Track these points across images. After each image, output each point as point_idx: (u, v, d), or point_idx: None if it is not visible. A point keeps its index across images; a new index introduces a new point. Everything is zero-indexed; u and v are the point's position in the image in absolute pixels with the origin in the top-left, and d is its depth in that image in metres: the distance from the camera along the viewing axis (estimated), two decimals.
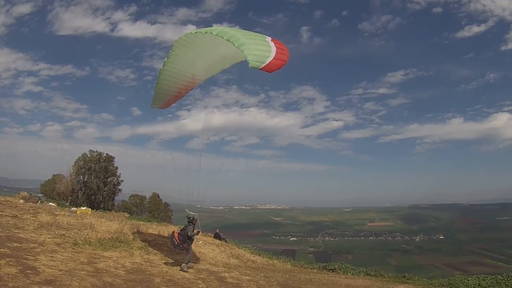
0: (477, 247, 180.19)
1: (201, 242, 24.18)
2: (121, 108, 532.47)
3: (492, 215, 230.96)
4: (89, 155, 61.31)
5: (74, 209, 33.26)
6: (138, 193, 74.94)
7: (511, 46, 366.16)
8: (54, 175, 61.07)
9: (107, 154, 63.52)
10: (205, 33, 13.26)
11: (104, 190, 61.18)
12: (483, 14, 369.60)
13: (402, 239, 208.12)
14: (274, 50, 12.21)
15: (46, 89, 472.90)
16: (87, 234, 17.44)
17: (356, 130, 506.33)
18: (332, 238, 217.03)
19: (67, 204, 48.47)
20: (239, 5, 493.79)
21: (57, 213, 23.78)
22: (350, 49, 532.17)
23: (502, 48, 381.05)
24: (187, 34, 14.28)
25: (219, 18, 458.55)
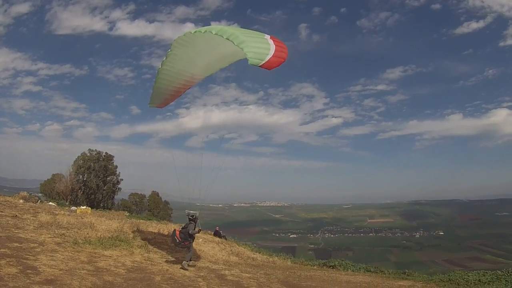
0: (476, 243, 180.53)
1: (201, 240, 24.20)
2: (120, 107, 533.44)
3: (491, 211, 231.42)
4: (88, 154, 61.22)
5: (74, 208, 33.29)
6: (138, 191, 74.91)
7: (510, 42, 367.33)
8: (54, 175, 60.93)
9: (106, 153, 63.47)
10: (204, 32, 13.23)
11: (103, 189, 61.11)
12: (482, 10, 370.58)
13: (401, 236, 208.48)
14: (273, 47, 12.24)
15: (45, 88, 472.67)
16: (87, 233, 17.45)
17: (355, 126, 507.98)
18: (332, 235, 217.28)
19: (67, 203, 48.40)
20: (237, 2, 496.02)
21: (57, 212, 23.80)
22: (348, 46, 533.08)
23: (501, 44, 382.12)
24: (186, 34, 14.25)
25: (218, 16, 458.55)
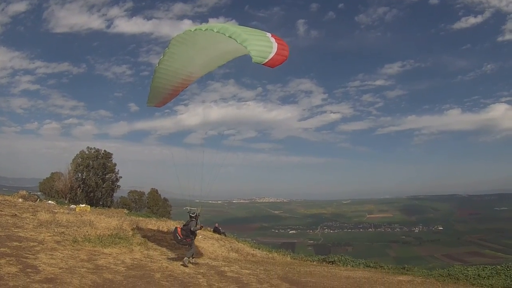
0: (475, 238, 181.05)
1: (200, 236, 24.20)
2: (118, 104, 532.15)
3: (490, 206, 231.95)
4: (87, 152, 61.20)
5: (73, 206, 33.28)
6: (137, 189, 74.95)
7: (508, 37, 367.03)
8: (53, 173, 60.90)
9: (105, 151, 63.47)
10: (205, 30, 13.17)
11: (102, 187, 61.13)
12: (480, 5, 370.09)
13: (401, 231, 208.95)
14: (275, 45, 12.34)
15: (43, 87, 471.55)
16: (87, 231, 17.45)
17: (353, 122, 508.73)
18: (331, 231, 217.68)
19: (66, 201, 48.43)
20: None
21: (56, 211, 23.77)
22: (347, 41, 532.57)
23: (499, 39, 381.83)
24: (185, 32, 14.18)
25: (215, 12, 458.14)
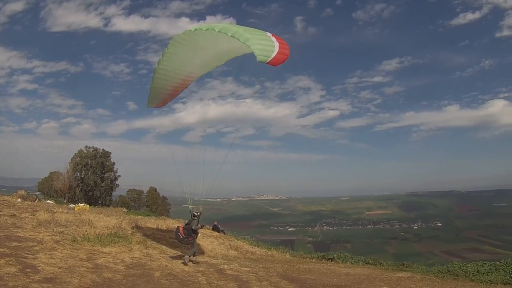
0: (475, 234, 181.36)
1: (199, 234, 24.21)
2: (116, 103, 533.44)
3: (489, 202, 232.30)
4: (85, 151, 61.16)
5: (72, 205, 33.26)
6: (136, 187, 74.92)
7: (506, 33, 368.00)
8: (51, 173, 60.88)
9: (103, 150, 63.43)
10: (206, 30, 13.24)
11: (101, 186, 61.12)
12: (478, 1, 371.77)
13: (400, 227, 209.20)
14: (277, 45, 12.56)
15: (41, 86, 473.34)
16: (86, 231, 17.44)
17: (352, 119, 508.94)
18: (330, 228, 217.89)
19: (65, 201, 48.44)
20: None
21: (55, 210, 23.73)
22: (344, 38, 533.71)
23: (497, 35, 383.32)
24: (185, 32, 14.20)
25: (213, 10, 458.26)
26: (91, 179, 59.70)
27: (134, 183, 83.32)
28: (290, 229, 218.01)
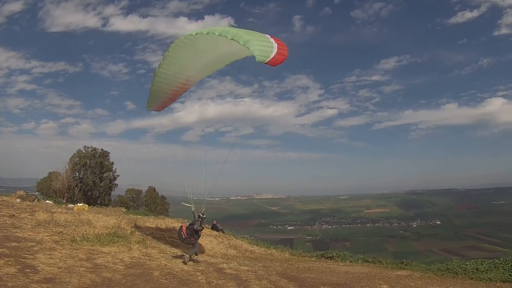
0: (473, 232, 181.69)
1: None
2: (115, 102, 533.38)
3: (488, 200, 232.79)
4: (84, 151, 61.16)
5: (71, 205, 33.28)
6: (134, 187, 75.01)
7: (504, 31, 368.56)
8: (50, 173, 60.89)
9: (102, 150, 63.45)
10: (206, 34, 13.39)
11: (100, 186, 61.13)
12: (476, 0, 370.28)
13: (399, 225, 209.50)
14: (275, 45, 12.84)
15: (39, 86, 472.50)
16: (85, 231, 17.43)
17: (350, 117, 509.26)
18: (329, 226, 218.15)
19: (64, 201, 48.42)
20: None
21: (54, 210, 23.74)
22: (343, 37, 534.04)
23: (495, 33, 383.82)
24: (186, 36, 14.31)
25: (211, 9, 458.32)
26: (90, 179, 59.71)
27: (133, 183, 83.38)
28: (289, 228, 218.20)
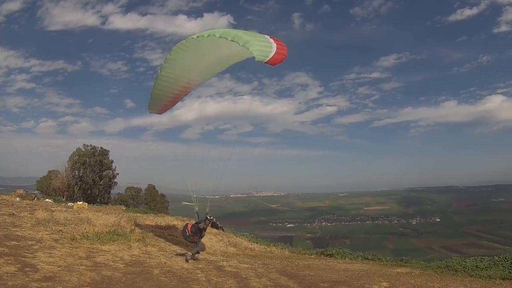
0: (473, 229, 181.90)
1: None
2: (114, 101, 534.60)
3: (487, 197, 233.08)
4: (83, 150, 61.10)
5: (70, 204, 33.22)
6: (134, 185, 75.04)
7: (504, 28, 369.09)
8: (50, 171, 60.86)
9: (102, 148, 63.37)
10: (207, 36, 13.49)
11: (100, 184, 61.08)
12: None
13: (398, 223, 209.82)
14: (274, 45, 13.07)
15: (38, 85, 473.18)
16: (85, 229, 17.45)
17: (350, 115, 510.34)
18: (329, 223, 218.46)
19: (64, 199, 48.40)
20: None
21: (53, 209, 23.76)
22: (342, 34, 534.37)
23: (495, 30, 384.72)
24: (188, 39, 14.40)
25: (210, 7, 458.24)
26: (90, 178, 59.69)
27: (133, 181, 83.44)
28: (288, 225, 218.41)
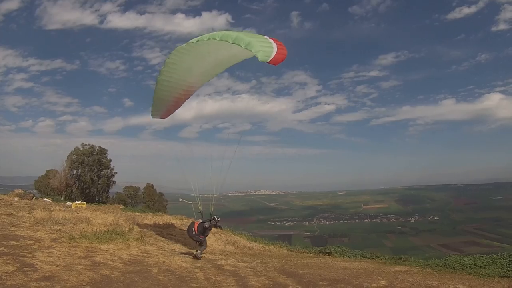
0: (472, 227, 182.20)
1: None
2: (112, 100, 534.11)
3: (486, 195, 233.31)
4: (81, 149, 61.10)
5: (69, 203, 33.17)
6: (132, 184, 75.05)
7: (502, 27, 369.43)
8: (48, 171, 60.80)
9: (100, 147, 63.44)
10: (207, 40, 13.62)
11: (98, 183, 61.09)
12: None
13: (397, 221, 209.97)
14: (275, 45, 13.32)
15: (36, 84, 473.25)
16: (83, 228, 17.44)
17: (348, 113, 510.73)
18: (327, 222, 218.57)
19: (62, 199, 48.32)
20: None
21: (52, 208, 23.73)
22: (341, 32, 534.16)
23: (493, 29, 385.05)
24: (188, 43, 14.51)
25: (208, 5, 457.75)
26: (88, 177, 59.68)
27: (131, 180, 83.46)
28: (287, 224, 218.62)
